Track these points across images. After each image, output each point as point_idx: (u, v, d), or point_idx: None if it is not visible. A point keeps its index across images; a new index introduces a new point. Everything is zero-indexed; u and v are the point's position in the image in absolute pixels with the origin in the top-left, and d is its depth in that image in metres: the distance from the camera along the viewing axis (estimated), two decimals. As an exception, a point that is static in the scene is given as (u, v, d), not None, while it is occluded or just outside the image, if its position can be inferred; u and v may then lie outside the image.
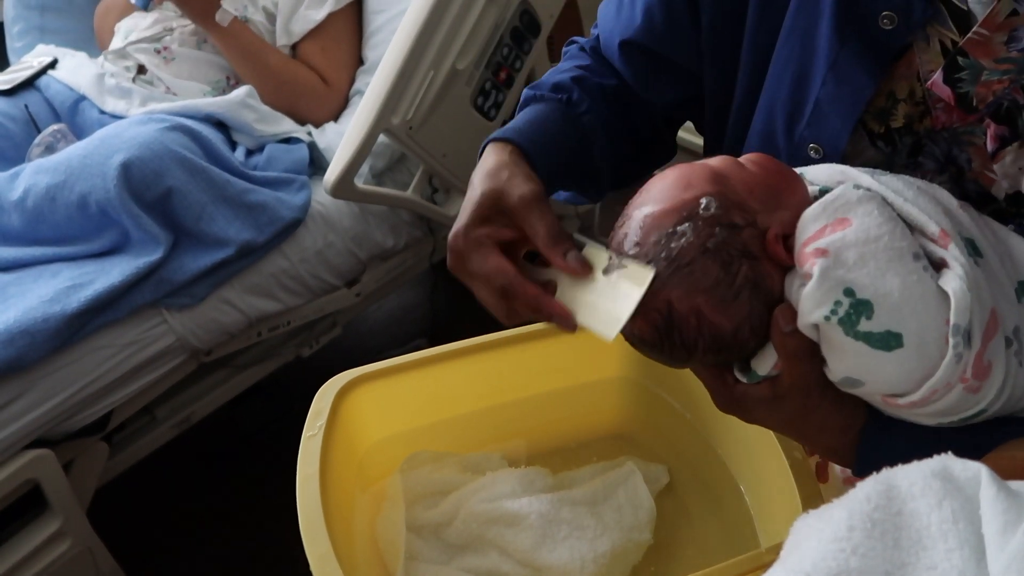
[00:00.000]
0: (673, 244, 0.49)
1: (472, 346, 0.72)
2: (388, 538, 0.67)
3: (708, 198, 0.49)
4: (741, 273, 0.48)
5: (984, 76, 0.48)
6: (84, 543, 1.13)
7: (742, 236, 0.49)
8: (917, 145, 0.54)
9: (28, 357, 1.01)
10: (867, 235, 0.46)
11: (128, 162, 1.08)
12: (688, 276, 0.48)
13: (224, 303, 1.21)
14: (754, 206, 0.49)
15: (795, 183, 0.52)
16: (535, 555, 0.65)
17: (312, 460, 0.60)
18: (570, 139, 0.66)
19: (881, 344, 0.45)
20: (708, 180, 0.50)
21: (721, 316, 0.49)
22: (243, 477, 1.49)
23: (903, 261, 0.45)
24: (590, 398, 0.79)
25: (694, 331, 0.49)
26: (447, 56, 1.21)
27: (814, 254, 0.46)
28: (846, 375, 0.48)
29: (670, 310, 0.49)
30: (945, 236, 0.46)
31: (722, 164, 0.52)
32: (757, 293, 0.48)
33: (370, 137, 1.16)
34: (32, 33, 1.59)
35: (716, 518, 0.72)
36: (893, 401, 0.47)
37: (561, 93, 0.68)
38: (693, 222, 0.49)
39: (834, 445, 0.52)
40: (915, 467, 0.42)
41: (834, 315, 0.45)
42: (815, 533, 0.41)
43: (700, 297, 0.48)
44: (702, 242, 0.48)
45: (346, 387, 0.68)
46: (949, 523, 0.39)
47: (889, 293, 0.45)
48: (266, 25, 1.41)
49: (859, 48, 0.53)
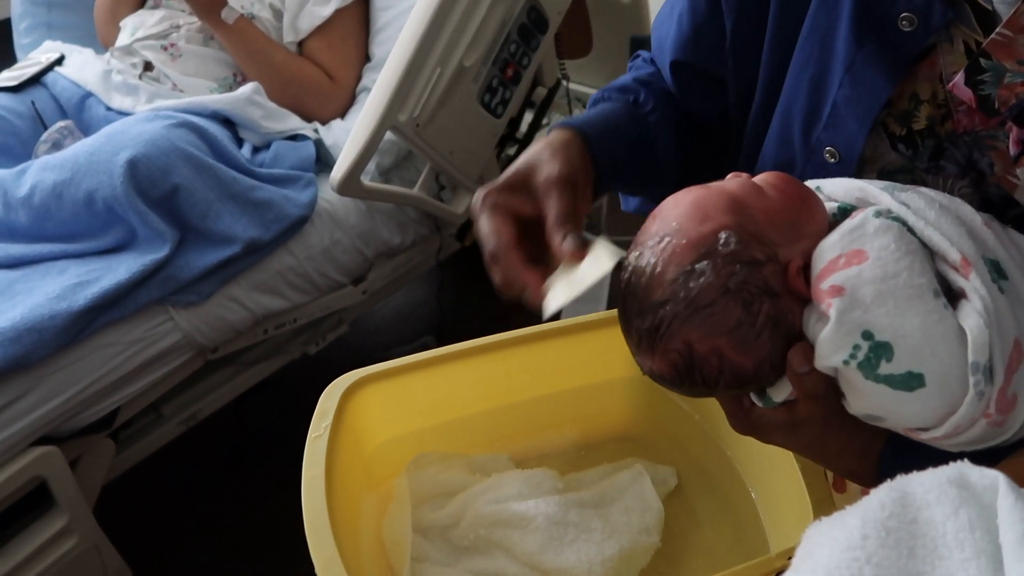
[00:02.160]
0: (692, 284, 0.46)
1: (479, 346, 0.71)
2: (394, 539, 0.66)
3: (727, 232, 0.47)
4: (763, 312, 0.46)
5: (1007, 78, 0.47)
6: (91, 540, 1.13)
7: (763, 273, 0.46)
8: (939, 148, 0.53)
9: (35, 354, 1.02)
10: (884, 271, 0.44)
11: (135, 159, 1.08)
12: (709, 318, 0.46)
13: (230, 300, 1.21)
14: (774, 238, 0.47)
15: (815, 208, 0.49)
16: (542, 558, 0.64)
17: (317, 461, 0.60)
18: (634, 133, 0.66)
19: (902, 385, 0.44)
20: (725, 210, 0.48)
21: (743, 356, 0.47)
22: (249, 474, 1.49)
23: (923, 299, 0.44)
24: (598, 399, 0.78)
25: (715, 371, 0.48)
26: (454, 53, 1.20)
27: (830, 292, 0.45)
28: (867, 412, 0.47)
29: (690, 351, 0.48)
30: (967, 264, 0.44)
31: (740, 190, 0.49)
32: (778, 330, 0.47)
33: (377, 134, 1.16)
34: (39, 29, 1.59)
35: (725, 521, 0.72)
36: (916, 435, 0.46)
37: (628, 94, 0.69)
38: (712, 260, 0.46)
39: (854, 468, 0.51)
40: (930, 474, 0.41)
41: (853, 359, 0.44)
42: (828, 541, 0.40)
43: (721, 339, 0.47)
44: (722, 282, 0.46)
45: (352, 387, 0.67)
46: (966, 532, 0.38)
47: (909, 334, 0.43)
48: (273, 22, 1.40)
49: (877, 50, 0.52)
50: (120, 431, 1.21)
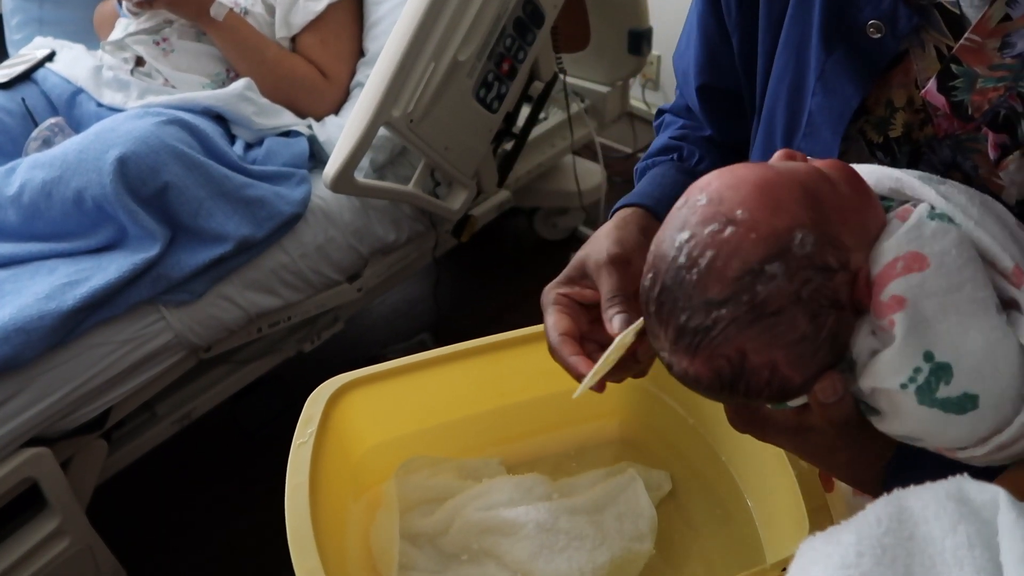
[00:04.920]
0: (760, 287, 0.40)
1: (470, 349, 0.70)
2: (382, 546, 0.65)
3: (804, 232, 0.41)
4: (828, 326, 0.41)
5: (979, 84, 0.46)
6: (84, 541, 1.12)
7: (834, 282, 0.41)
8: (916, 154, 0.52)
9: (24, 355, 1.00)
10: (949, 282, 0.40)
11: (124, 157, 1.07)
12: (773, 328, 0.41)
13: (223, 299, 1.20)
14: (847, 241, 0.42)
15: (878, 207, 0.45)
16: (532, 566, 0.63)
17: (302, 469, 0.58)
18: None
19: (955, 408, 0.41)
20: (800, 202, 0.42)
21: (795, 371, 0.42)
22: (244, 474, 1.48)
23: (987, 315, 0.40)
24: (591, 402, 0.77)
25: (764, 383, 0.43)
26: (448, 47, 1.19)
27: (891, 305, 0.40)
28: (906, 434, 0.43)
29: (743, 361, 0.42)
30: (1020, 273, 0.41)
31: (810, 178, 0.43)
32: (835, 345, 0.42)
33: (370, 130, 1.14)
34: (31, 25, 1.57)
35: (720, 527, 0.70)
36: (951, 454, 0.44)
37: (671, 153, 0.70)
38: (786, 261, 0.41)
39: (860, 478, 0.49)
40: (928, 488, 0.39)
41: (912, 383, 0.40)
42: (822, 558, 0.39)
43: (780, 351, 0.42)
44: (796, 289, 0.41)
45: (338, 392, 0.66)
46: (964, 549, 0.37)
47: (971, 353, 0.40)
48: (265, 17, 1.38)
49: (845, 57, 0.51)
50: (113, 431, 1.20)
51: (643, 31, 1.72)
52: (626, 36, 1.72)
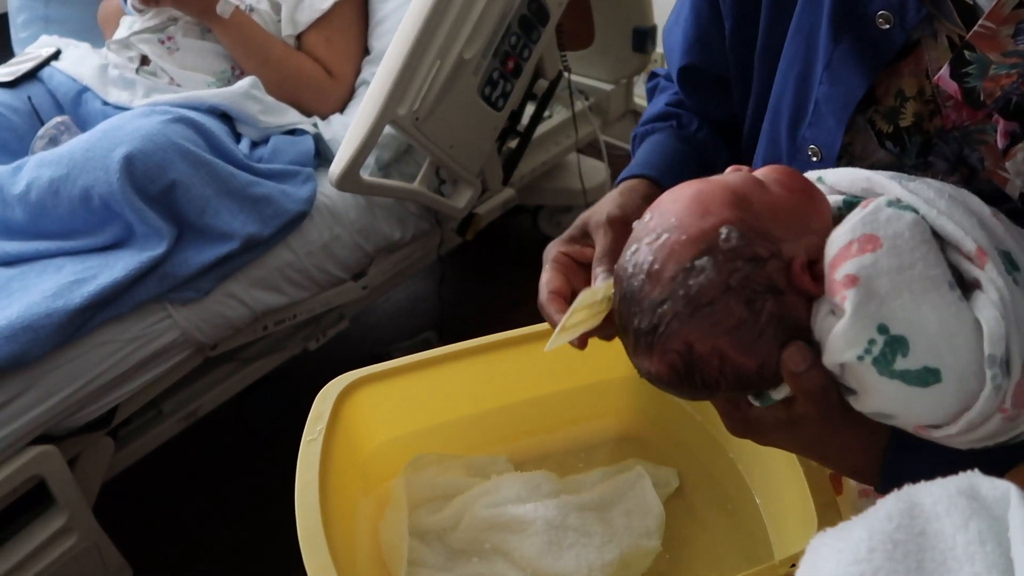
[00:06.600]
0: (692, 281, 0.45)
1: (477, 346, 0.70)
2: (391, 543, 0.66)
3: (728, 227, 0.45)
4: (766, 310, 0.44)
5: (992, 70, 0.46)
6: (90, 538, 1.13)
7: (767, 269, 0.45)
8: (927, 145, 0.53)
9: (31, 353, 1.01)
10: (900, 261, 0.42)
11: (131, 155, 1.07)
12: (709, 317, 0.44)
13: (229, 297, 1.20)
14: (778, 233, 0.45)
15: (819, 202, 0.48)
16: (541, 562, 0.63)
17: (311, 466, 0.59)
18: (693, 157, 0.68)
19: (918, 381, 0.42)
20: (728, 204, 0.46)
21: (745, 356, 0.45)
22: (250, 471, 1.48)
23: (939, 291, 0.42)
24: (598, 399, 0.77)
25: (716, 372, 0.46)
26: (454, 45, 1.19)
27: (844, 283, 0.43)
28: (877, 411, 0.45)
29: (690, 352, 0.46)
30: (982, 254, 0.43)
31: (741, 184, 0.48)
32: (782, 327, 0.45)
33: (376, 129, 1.14)
34: (36, 23, 1.58)
35: (727, 524, 0.71)
36: (926, 432, 0.45)
37: (669, 120, 0.70)
38: (713, 256, 0.45)
39: (857, 465, 0.50)
40: (939, 484, 0.39)
41: (868, 355, 0.42)
42: (833, 554, 0.39)
43: (723, 338, 0.45)
44: (724, 279, 0.44)
45: (347, 389, 0.66)
46: (976, 545, 0.37)
47: (926, 328, 0.42)
48: (271, 15, 1.39)
49: (853, 47, 0.51)
50: (119, 429, 1.20)
51: (647, 29, 1.72)
52: (630, 34, 1.72)
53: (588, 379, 0.76)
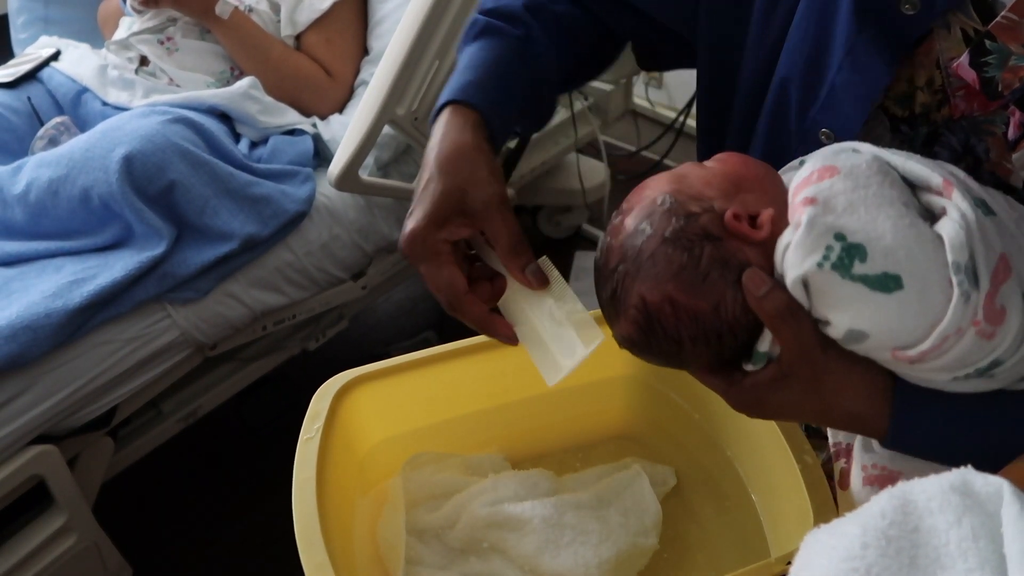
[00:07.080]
0: (636, 241, 0.50)
1: (474, 345, 0.70)
2: (388, 542, 0.66)
3: (663, 195, 0.51)
4: (705, 255, 0.49)
5: (1012, 61, 0.47)
6: (90, 538, 1.13)
7: (700, 221, 0.49)
8: (934, 134, 0.53)
9: (31, 353, 1.01)
10: (856, 183, 0.46)
11: (130, 155, 1.07)
12: (652, 267, 0.49)
13: (228, 297, 1.20)
14: (711, 194, 0.50)
15: (760, 171, 0.53)
16: (538, 561, 0.63)
17: (309, 464, 0.59)
18: (526, 85, 0.64)
19: (880, 286, 0.44)
20: (666, 181, 0.52)
21: (695, 299, 0.49)
22: (250, 471, 1.49)
23: (893, 206, 0.45)
24: (595, 398, 0.77)
25: (672, 319, 0.50)
26: (453, 45, 1.19)
27: (802, 203, 0.46)
28: (849, 327, 0.46)
29: (644, 304, 0.50)
30: (949, 185, 0.45)
31: (683, 167, 0.54)
32: (728, 270, 0.48)
33: (375, 129, 1.14)
34: (36, 24, 1.58)
35: (724, 522, 0.71)
36: (903, 355, 0.45)
37: (518, 27, 0.64)
38: (651, 218, 0.50)
39: (860, 411, 0.49)
40: (933, 481, 0.40)
41: (827, 260, 0.45)
42: (827, 550, 0.39)
43: (668, 284, 0.49)
44: (660, 232, 0.49)
45: (345, 388, 0.66)
46: (969, 541, 0.37)
47: (881, 236, 0.44)
48: (270, 15, 1.39)
49: (877, 34, 0.51)
50: (119, 428, 1.20)
51: (646, 29, 1.72)
52: (629, 34, 1.72)
53: (585, 378, 0.76)
